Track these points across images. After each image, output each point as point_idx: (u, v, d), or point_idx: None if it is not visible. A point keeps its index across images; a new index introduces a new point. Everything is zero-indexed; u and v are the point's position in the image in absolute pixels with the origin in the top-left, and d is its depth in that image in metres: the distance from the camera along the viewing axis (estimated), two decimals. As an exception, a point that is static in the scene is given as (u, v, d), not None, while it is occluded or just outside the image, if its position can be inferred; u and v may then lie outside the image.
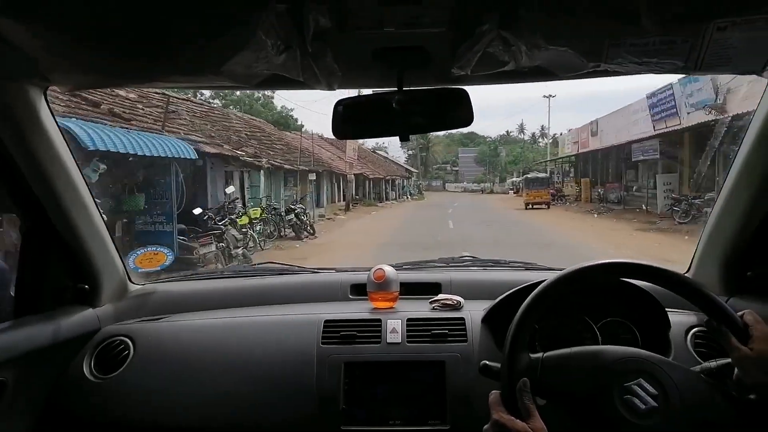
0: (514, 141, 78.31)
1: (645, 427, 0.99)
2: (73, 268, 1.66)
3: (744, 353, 1.01)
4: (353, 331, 1.56)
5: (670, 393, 1.02)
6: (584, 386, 1.05)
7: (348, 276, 1.95)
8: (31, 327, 1.48)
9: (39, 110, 1.37)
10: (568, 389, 1.07)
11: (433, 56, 1.22)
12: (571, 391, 1.06)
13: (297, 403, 1.47)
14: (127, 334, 1.65)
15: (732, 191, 1.54)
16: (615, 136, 23.50)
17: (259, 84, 1.25)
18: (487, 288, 1.74)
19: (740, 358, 1.02)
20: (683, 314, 1.56)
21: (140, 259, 1.92)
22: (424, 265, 2.14)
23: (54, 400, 1.55)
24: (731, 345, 1.03)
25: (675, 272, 1.13)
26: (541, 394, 1.08)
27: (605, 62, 1.08)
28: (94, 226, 1.64)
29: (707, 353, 1.42)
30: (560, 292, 1.13)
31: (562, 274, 1.13)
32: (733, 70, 1.13)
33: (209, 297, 1.90)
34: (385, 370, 1.51)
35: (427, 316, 1.62)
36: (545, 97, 52.20)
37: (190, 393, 1.52)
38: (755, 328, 1.03)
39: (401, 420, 1.46)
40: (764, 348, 1.00)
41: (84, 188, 1.58)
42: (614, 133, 23.79)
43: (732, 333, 1.04)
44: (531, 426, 0.98)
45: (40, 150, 1.41)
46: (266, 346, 1.58)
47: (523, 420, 0.99)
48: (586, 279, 1.15)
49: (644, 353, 1.11)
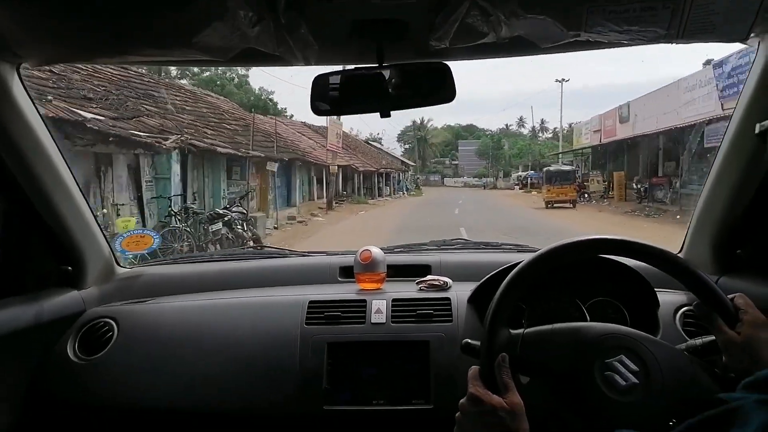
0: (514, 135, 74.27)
1: (625, 403, 0.98)
2: (56, 250, 1.64)
3: (730, 337, 0.99)
4: (338, 311, 1.55)
5: (651, 369, 1.00)
6: (565, 362, 1.03)
7: (338, 259, 1.94)
8: (13, 308, 1.47)
9: (12, 88, 1.35)
10: (548, 365, 1.05)
11: (411, 28, 1.20)
12: (552, 367, 1.05)
13: (280, 384, 1.47)
14: (111, 315, 1.64)
15: (721, 170, 1.53)
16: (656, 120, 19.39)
17: (235, 59, 1.22)
18: (476, 269, 1.72)
19: (726, 342, 0.99)
20: (672, 293, 1.55)
21: (127, 242, 1.91)
22: (415, 247, 2.14)
23: (38, 382, 1.54)
24: (718, 328, 1.01)
25: (665, 250, 1.11)
26: (522, 370, 1.06)
27: (585, 31, 1.06)
28: (75, 207, 1.63)
29: (695, 332, 1.40)
30: (545, 267, 1.11)
31: (548, 249, 1.11)
32: (716, 38, 1.10)
33: (198, 280, 1.89)
34: (369, 350, 1.50)
35: (412, 297, 1.61)
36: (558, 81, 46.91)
37: (173, 374, 1.51)
38: (746, 312, 1.00)
39: (384, 400, 1.45)
40: (752, 333, 0.97)
41: (65, 169, 1.56)
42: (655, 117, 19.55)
43: (721, 315, 1.02)
44: (507, 401, 0.96)
45: (16, 129, 1.39)
46: (250, 327, 1.57)
47: (500, 395, 0.97)
48: (573, 255, 1.13)
49: (626, 329, 1.09)
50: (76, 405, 1.54)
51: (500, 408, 0.95)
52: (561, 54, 1.29)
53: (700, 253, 1.65)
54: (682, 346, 1.11)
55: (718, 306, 1.03)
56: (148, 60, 1.24)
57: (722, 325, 1.01)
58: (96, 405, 1.53)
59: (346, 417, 1.46)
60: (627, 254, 1.16)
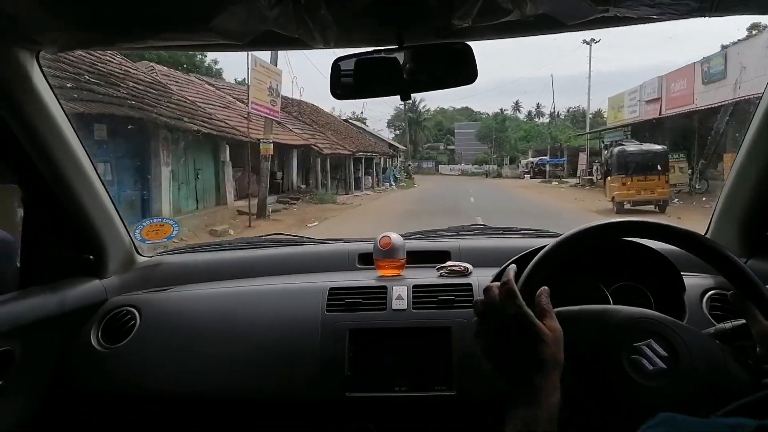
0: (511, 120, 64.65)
1: (652, 387, 0.95)
2: (77, 239, 1.65)
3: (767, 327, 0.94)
4: (358, 298, 1.54)
5: (681, 355, 0.97)
6: (591, 345, 1.01)
7: (356, 246, 1.93)
8: (36, 297, 1.48)
9: (32, 75, 1.34)
10: (573, 347, 1.03)
11: (432, 7, 1.17)
12: (577, 348, 1.02)
13: (301, 371, 1.46)
14: (133, 304, 1.65)
15: (751, 150, 1.49)
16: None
17: (253, 43, 1.21)
18: (496, 255, 1.70)
19: (763, 332, 0.95)
20: (699, 277, 1.52)
21: (146, 230, 1.91)
22: (433, 234, 2.12)
23: (62, 370, 1.55)
24: (754, 317, 0.97)
25: (694, 232, 1.08)
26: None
27: (614, 6, 1.02)
28: (96, 196, 1.63)
29: (723, 316, 1.37)
30: (570, 251, 1.08)
31: (574, 231, 1.08)
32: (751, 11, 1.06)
33: (216, 268, 1.89)
34: (390, 337, 1.49)
35: (433, 283, 1.59)
36: (585, 42, 36.38)
37: (195, 361, 1.51)
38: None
39: (406, 386, 1.44)
40: None
41: (85, 158, 1.56)
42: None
43: (756, 304, 0.97)
44: (548, 324, 0.87)
45: (36, 116, 1.39)
46: (271, 315, 1.57)
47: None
48: (598, 237, 1.11)
49: (655, 314, 1.07)
50: (100, 393, 1.55)
51: (538, 326, 0.85)
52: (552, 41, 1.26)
53: (727, 236, 1.61)
54: (710, 330, 1.08)
55: (750, 291, 0.99)
56: (165, 45, 1.23)
57: (758, 314, 0.96)
58: (119, 393, 1.54)
59: (368, 403, 1.45)
60: (655, 237, 1.13)
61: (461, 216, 12.93)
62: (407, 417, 1.48)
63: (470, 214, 14.67)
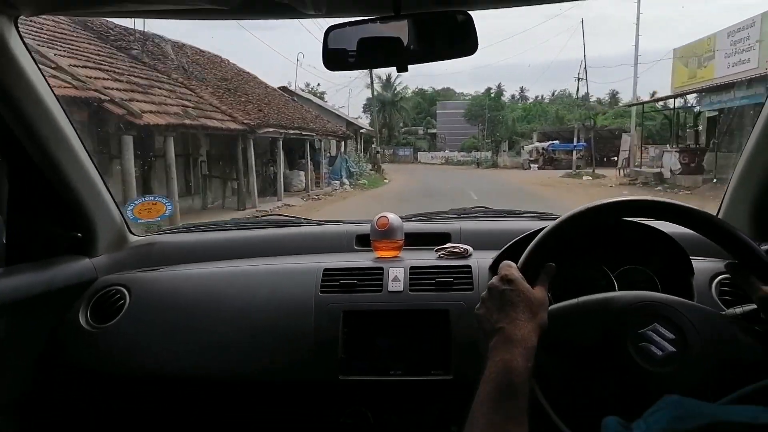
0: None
1: (665, 374, 0.91)
2: (65, 216, 1.61)
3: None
4: (353, 279, 1.50)
5: (688, 335, 0.93)
6: (595, 336, 0.97)
7: (354, 227, 1.89)
8: (24, 274, 1.45)
9: (10, 41, 1.29)
10: (578, 341, 0.98)
11: None
12: (582, 343, 0.98)
13: (294, 353, 1.43)
14: (123, 283, 1.61)
15: (764, 131, 1.43)
16: None
17: (241, 10, 1.15)
18: (498, 237, 1.65)
19: (764, 299, 0.91)
20: (708, 261, 1.46)
21: (138, 209, 1.87)
22: (434, 216, 2.06)
23: (50, 349, 1.53)
24: (755, 287, 0.93)
25: (704, 212, 1.02)
26: (552, 350, 0.99)
27: None
28: (83, 171, 1.58)
29: (733, 301, 1.32)
30: (571, 230, 1.03)
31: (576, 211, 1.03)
32: None
33: (211, 248, 1.85)
34: (386, 319, 1.45)
35: (431, 264, 1.55)
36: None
37: (186, 341, 1.48)
38: None
39: (402, 370, 1.40)
40: None
41: (70, 130, 1.51)
42: None
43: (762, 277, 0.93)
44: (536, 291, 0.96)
45: (16, 86, 1.34)
46: (264, 295, 1.53)
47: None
48: (600, 216, 1.05)
49: (657, 295, 1.02)
50: (89, 372, 1.52)
51: (528, 291, 0.95)
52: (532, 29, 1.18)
53: (740, 218, 1.55)
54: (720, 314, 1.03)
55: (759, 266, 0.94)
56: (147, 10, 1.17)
57: (758, 283, 0.93)
58: (108, 372, 1.51)
59: (363, 387, 1.42)
60: (660, 216, 1.08)
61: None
62: (403, 401, 1.45)
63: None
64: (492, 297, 0.96)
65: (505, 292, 0.95)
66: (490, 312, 0.95)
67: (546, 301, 0.96)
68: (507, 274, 0.97)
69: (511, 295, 0.94)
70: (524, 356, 0.86)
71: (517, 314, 0.91)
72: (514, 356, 0.85)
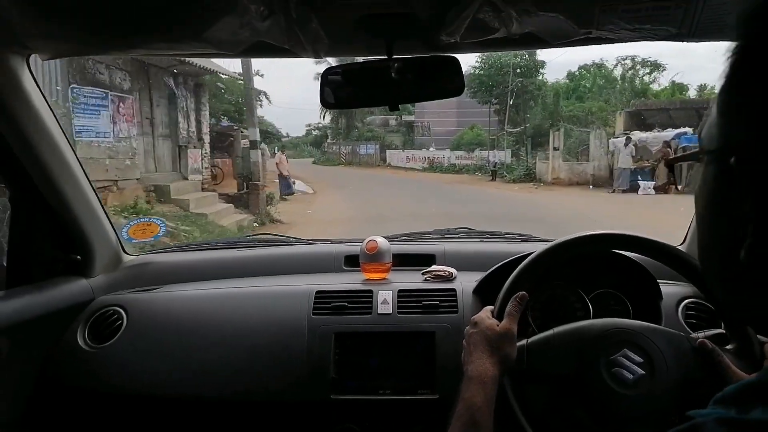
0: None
1: (637, 396, 1.00)
2: (65, 239, 1.65)
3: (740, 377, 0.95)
4: (344, 302, 1.56)
5: (654, 358, 1.02)
6: (571, 365, 1.05)
7: (342, 247, 1.95)
8: (23, 297, 1.49)
9: (22, 78, 1.35)
10: (556, 370, 1.07)
11: (421, 23, 1.19)
12: (559, 371, 1.07)
13: (288, 373, 1.49)
14: (120, 304, 1.65)
15: None
16: None
17: (245, 51, 1.22)
18: (481, 259, 1.73)
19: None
20: (676, 285, 1.56)
21: (133, 229, 1.91)
22: (418, 236, 2.13)
23: (48, 370, 1.56)
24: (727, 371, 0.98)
25: (669, 245, 1.12)
26: (532, 380, 1.09)
27: (597, 29, 1.06)
28: (83, 197, 1.63)
29: (698, 324, 1.42)
30: (551, 261, 1.13)
31: (555, 244, 1.13)
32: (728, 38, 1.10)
33: (203, 268, 1.90)
34: (376, 341, 1.51)
35: (418, 288, 1.62)
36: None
37: (182, 362, 1.53)
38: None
39: (391, 389, 1.47)
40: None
41: (73, 159, 1.56)
42: None
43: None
44: (501, 326, 1.06)
45: (24, 119, 1.39)
46: (258, 317, 1.58)
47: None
48: (579, 248, 1.16)
49: (625, 322, 1.11)
50: (87, 392, 1.56)
51: (490, 329, 1.06)
52: None
53: None
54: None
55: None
56: (157, 53, 1.24)
57: (730, 368, 0.98)
58: (106, 392, 1.54)
59: (353, 406, 1.48)
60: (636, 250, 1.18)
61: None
62: (391, 419, 1.50)
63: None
64: (466, 342, 1.09)
65: (471, 335, 1.08)
66: (463, 355, 1.08)
67: (512, 333, 1.06)
68: (475, 318, 1.11)
69: (474, 337, 1.07)
70: (483, 391, 0.97)
71: (477, 353, 1.03)
72: (474, 394, 0.97)
